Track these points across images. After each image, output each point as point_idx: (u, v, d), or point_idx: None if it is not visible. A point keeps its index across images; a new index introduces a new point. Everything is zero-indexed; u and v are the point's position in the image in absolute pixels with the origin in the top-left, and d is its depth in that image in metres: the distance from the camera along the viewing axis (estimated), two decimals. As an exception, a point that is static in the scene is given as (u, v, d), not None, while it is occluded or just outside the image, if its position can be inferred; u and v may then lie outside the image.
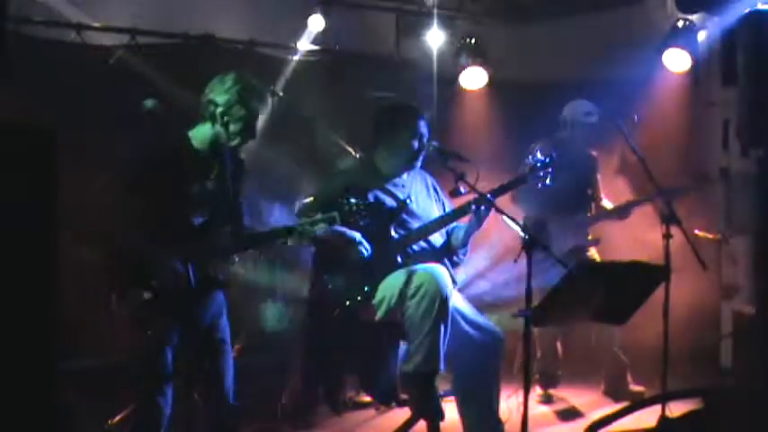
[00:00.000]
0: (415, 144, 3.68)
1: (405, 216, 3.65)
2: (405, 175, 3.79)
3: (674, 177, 4.63)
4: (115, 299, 2.93)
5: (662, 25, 5.34)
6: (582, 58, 5.69)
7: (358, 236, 3.53)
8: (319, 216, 3.25)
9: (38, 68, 4.51)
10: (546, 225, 4.74)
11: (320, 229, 3.24)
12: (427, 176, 3.91)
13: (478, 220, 3.55)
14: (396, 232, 3.62)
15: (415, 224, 3.64)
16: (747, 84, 4.10)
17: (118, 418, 3.83)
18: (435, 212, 3.75)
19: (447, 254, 3.72)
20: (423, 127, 3.71)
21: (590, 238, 4.88)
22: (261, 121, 5.35)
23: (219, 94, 3.07)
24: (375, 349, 4.24)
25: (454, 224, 3.72)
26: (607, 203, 4.96)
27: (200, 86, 3.19)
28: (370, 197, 3.67)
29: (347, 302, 3.54)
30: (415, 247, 3.62)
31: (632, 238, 5.18)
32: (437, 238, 3.70)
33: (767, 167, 4.33)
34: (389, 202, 3.68)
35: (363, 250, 3.52)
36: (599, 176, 5.03)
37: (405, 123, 3.70)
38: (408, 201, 3.67)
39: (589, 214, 4.91)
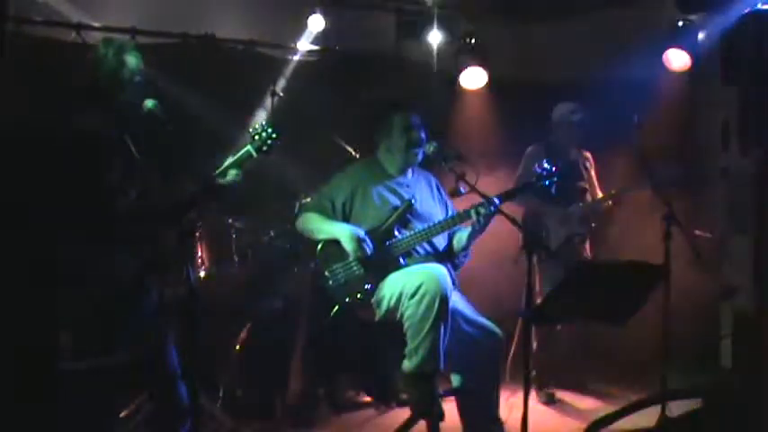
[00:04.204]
0: (410, 140, 3.69)
1: (409, 216, 3.66)
2: (410, 175, 3.81)
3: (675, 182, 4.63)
4: None
5: (662, 25, 5.34)
6: (582, 58, 5.69)
7: (362, 233, 3.55)
8: (233, 156, 3.17)
9: (38, 68, 4.51)
10: (542, 218, 4.80)
11: (239, 163, 3.10)
12: (431, 178, 3.93)
13: (481, 225, 3.54)
14: (399, 232, 3.62)
15: (418, 225, 3.64)
16: (747, 84, 4.10)
17: (125, 412, 3.83)
18: (439, 214, 3.76)
19: (449, 256, 3.73)
20: (415, 122, 3.72)
21: (584, 227, 4.92)
22: (260, 118, 5.38)
23: (98, 67, 2.94)
24: (375, 349, 4.25)
25: (457, 226, 3.72)
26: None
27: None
28: (375, 195, 3.69)
29: (347, 300, 3.54)
30: (418, 248, 3.63)
31: (632, 238, 5.18)
32: (439, 241, 3.71)
33: (767, 167, 4.33)
34: (394, 200, 3.69)
35: (367, 248, 3.53)
36: (593, 174, 5.05)
37: (396, 121, 3.74)
38: (413, 201, 3.68)
39: (582, 204, 4.94)
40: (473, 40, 5.60)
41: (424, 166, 3.90)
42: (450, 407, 3.58)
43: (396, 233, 3.62)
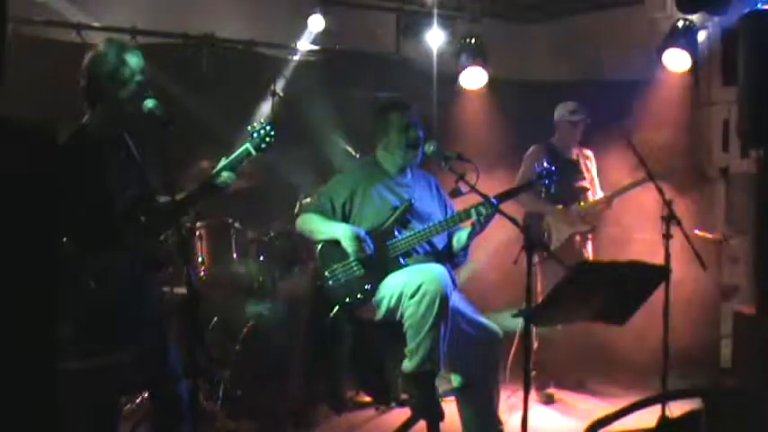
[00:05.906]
0: (409, 138, 3.69)
1: (408, 216, 3.66)
2: (409, 175, 3.80)
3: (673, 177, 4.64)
4: None
5: (662, 25, 5.34)
6: (582, 58, 5.70)
7: (362, 233, 3.55)
8: (232, 155, 3.15)
9: (38, 68, 4.51)
10: (544, 217, 4.81)
11: (238, 161, 3.11)
12: (431, 178, 3.93)
13: (481, 224, 3.54)
14: (399, 232, 3.62)
15: (418, 225, 3.64)
16: (747, 84, 4.10)
17: (125, 412, 3.83)
18: (439, 214, 3.75)
19: (448, 255, 3.73)
20: (414, 121, 3.72)
21: (586, 226, 4.93)
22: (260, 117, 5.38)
23: (99, 65, 2.92)
24: (375, 349, 4.25)
25: (457, 226, 3.72)
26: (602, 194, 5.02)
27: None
28: (375, 195, 3.68)
29: (347, 300, 3.54)
30: (417, 248, 3.63)
31: (632, 238, 5.18)
32: (439, 240, 3.71)
33: (767, 167, 4.33)
34: (394, 200, 3.69)
35: (367, 248, 3.53)
36: (595, 174, 5.06)
37: (394, 120, 3.73)
38: (413, 201, 3.68)
39: (583, 203, 4.94)
40: (473, 40, 5.60)
41: (423, 166, 3.89)
42: (450, 407, 3.58)
43: (395, 233, 3.62)
